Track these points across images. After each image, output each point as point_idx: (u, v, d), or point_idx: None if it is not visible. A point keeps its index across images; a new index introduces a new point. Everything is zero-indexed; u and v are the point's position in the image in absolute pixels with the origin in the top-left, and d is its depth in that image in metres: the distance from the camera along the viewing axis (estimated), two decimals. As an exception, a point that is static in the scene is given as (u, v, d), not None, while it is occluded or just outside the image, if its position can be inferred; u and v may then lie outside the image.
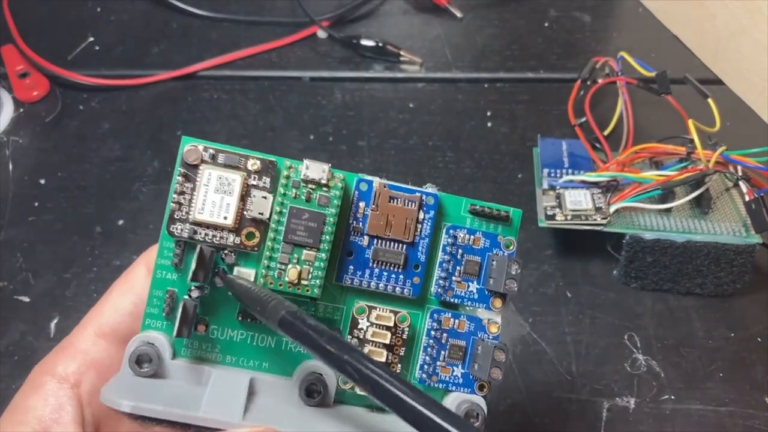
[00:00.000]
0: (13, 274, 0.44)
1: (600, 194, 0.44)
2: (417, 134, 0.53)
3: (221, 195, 0.27)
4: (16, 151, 0.51)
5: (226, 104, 0.54)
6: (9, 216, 0.47)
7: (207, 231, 0.27)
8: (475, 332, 0.28)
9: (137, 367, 0.27)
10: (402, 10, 0.64)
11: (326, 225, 0.27)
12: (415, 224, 0.28)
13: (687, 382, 0.40)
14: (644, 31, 0.62)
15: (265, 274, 0.27)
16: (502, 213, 0.28)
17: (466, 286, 0.28)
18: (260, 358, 0.28)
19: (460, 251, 0.28)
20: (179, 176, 0.27)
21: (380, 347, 0.28)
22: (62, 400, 0.28)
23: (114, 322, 0.29)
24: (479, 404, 0.28)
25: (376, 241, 0.28)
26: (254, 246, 0.27)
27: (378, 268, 0.28)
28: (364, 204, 0.28)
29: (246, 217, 0.27)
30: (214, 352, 0.28)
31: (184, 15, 0.61)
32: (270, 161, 0.28)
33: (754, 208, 0.42)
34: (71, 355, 0.29)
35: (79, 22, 0.60)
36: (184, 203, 0.27)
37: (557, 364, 0.41)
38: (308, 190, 0.27)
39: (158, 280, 0.28)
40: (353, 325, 0.28)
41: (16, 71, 0.55)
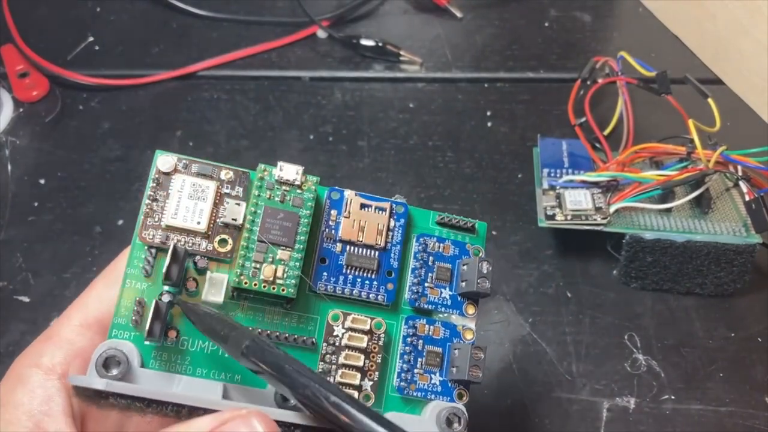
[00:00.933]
0: (13, 274, 0.44)
1: (600, 194, 0.44)
2: (417, 134, 0.53)
3: (195, 201, 0.27)
4: (16, 151, 0.51)
5: (226, 104, 0.54)
6: (9, 216, 0.47)
7: (180, 236, 0.27)
8: (451, 339, 0.29)
9: (104, 370, 0.25)
10: (402, 10, 0.64)
11: (300, 225, 0.27)
12: (387, 231, 0.29)
13: (687, 382, 0.40)
14: (644, 31, 0.62)
15: (239, 273, 0.27)
16: (468, 224, 0.30)
17: (438, 293, 0.29)
18: (233, 371, 0.27)
19: (431, 258, 0.29)
20: (152, 183, 0.27)
21: (357, 352, 0.27)
22: (51, 392, 0.27)
23: (98, 312, 0.29)
24: (460, 408, 0.28)
25: (349, 247, 0.28)
26: (227, 253, 0.27)
27: (352, 275, 0.28)
28: (336, 212, 0.28)
29: (219, 224, 0.27)
30: (184, 363, 0.27)
31: (184, 15, 0.61)
32: (243, 171, 0.28)
33: (754, 208, 0.42)
34: (56, 345, 0.28)
35: (79, 22, 0.60)
36: (157, 210, 0.27)
37: (557, 364, 0.41)
38: (283, 192, 0.28)
39: (127, 290, 0.27)
40: (328, 332, 0.28)
41: (15, 71, 0.55)
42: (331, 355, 0.28)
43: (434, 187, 0.50)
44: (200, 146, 0.51)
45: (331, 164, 0.51)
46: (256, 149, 0.51)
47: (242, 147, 0.51)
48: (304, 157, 0.51)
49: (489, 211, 0.48)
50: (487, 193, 0.49)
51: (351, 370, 0.27)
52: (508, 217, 0.48)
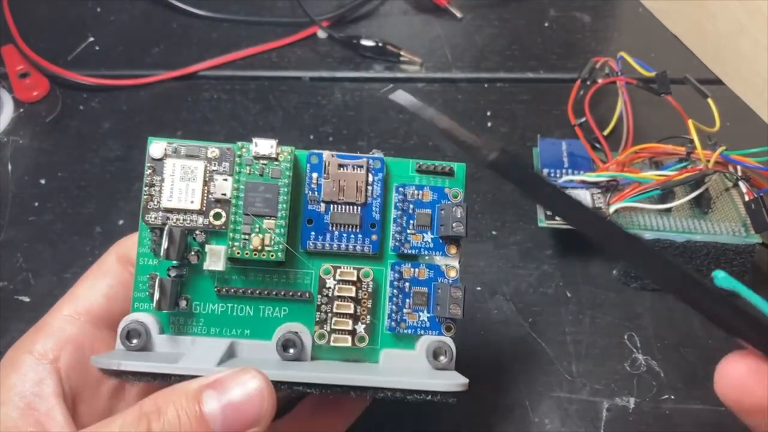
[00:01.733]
0: (13, 274, 0.44)
1: (600, 194, 0.44)
2: (417, 134, 0.53)
3: (186, 182, 0.30)
4: (16, 151, 0.51)
5: (226, 104, 0.55)
6: (9, 216, 0.47)
7: (178, 216, 0.30)
8: (435, 278, 0.31)
9: (127, 341, 0.29)
10: (402, 10, 0.64)
11: (281, 195, 0.30)
12: (366, 187, 0.30)
13: (687, 382, 0.40)
14: (644, 31, 0.62)
15: (231, 245, 0.29)
16: (446, 168, 0.31)
17: (421, 238, 0.31)
18: (241, 327, 0.30)
19: (411, 206, 0.31)
20: (148, 170, 0.30)
21: (347, 301, 0.30)
22: (42, 375, 0.28)
23: (88, 303, 0.31)
24: (447, 342, 0.30)
25: (332, 207, 0.30)
26: (221, 225, 0.30)
27: (337, 231, 0.30)
28: (317, 175, 0.31)
29: (211, 200, 0.30)
30: (198, 325, 0.30)
31: (184, 15, 0.61)
32: (227, 147, 0.30)
33: (753, 208, 0.42)
34: (48, 333, 0.30)
35: (79, 22, 0.60)
36: (155, 194, 0.30)
37: (557, 364, 0.41)
38: (261, 166, 0.30)
39: (141, 267, 0.30)
40: (321, 284, 0.30)
41: (16, 71, 0.55)
42: (326, 305, 0.30)
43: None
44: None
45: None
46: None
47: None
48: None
49: (489, 211, 0.48)
50: (487, 193, 0.49)
51: (343, 317, 0.30)
52: (508, 217, 0.48)
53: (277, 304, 0.31)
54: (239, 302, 0.30)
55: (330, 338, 0.30)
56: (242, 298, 0.30)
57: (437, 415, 0.39)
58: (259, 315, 0.30)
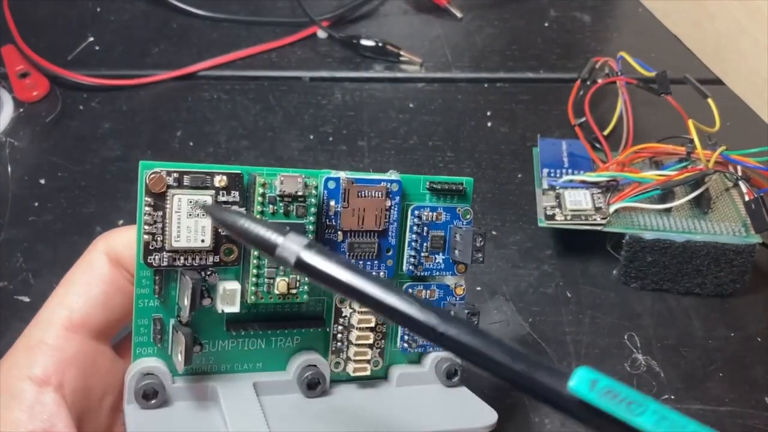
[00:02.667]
0: (13, 274, 0.44)
1: (600, 194, 0.44)
2: (417, 134, 0.53)
3: (194, 219, 0.26)
4: (17, 151, 0.51)
5: (226, 104, 0.55)
6: (9, 216, 0.47)
7: (185, 256, 0.27)
8: (445, 297, 0.31)
9: (144, 401, 0.26)
10: (402, 10, 0.64)
11: (307, 233, 0.28)
12: (384, 212, 0.29)
13: (687, 382, 0.40)
14: (644, 31, 0.62)
15: (255, 291, 0.27)
16: (458, 186, 0.31)
17: (433, 260, 0.31)
18: (253, 360, 0.29)
19: (425, 229, 0.30)
20: (146, 206, 0.26)
21: (367, 331, 0.30)
22: (50, 408, 0.25)
23: (84, 314, 0.27)
24: (457, 360, 0.30)
25: (350, 236, 0.29)
26: (234, 261, 0.27)
27: (354, 259, 0.29)
28: (334, 202, 0.29)
29: (222, 235, 0.27)
30: (209, 364, 0.28)
31: (184, 15, 0.61)
32: (236, 173, 0.27)
33: (753, 208, 0.42)
34: (46, 354, 0.26)
35: (79, 22, 0.60)
36: (157, 232, 0.26)
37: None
38: (285, 204, 0.27)
39: (141, 310, 0.27)
40: (337, 314, 0.30)
41: (16, 71, 0.55)
42: (342, 334, 0.30)
43: (434, 187, 0.50)
44: (200, 146, 0.51)
45: (331, 164, 0.51)
46: (256, 149, 0.51)
47: (242, 147, 0.51)
48: (304, 158, 0.51)
49: (489, 211, 0.48)
50: (487, 193, 0.49)
51: (362, 347, 0.30)
52: (508, 217, 0.48)
53: (289, 334, 0.29)
54: (251, 337, 0.29)
55: (346, 366, 0.30)
56: (254, 333, 0.29)
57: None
58: (271, 347, 0.29)
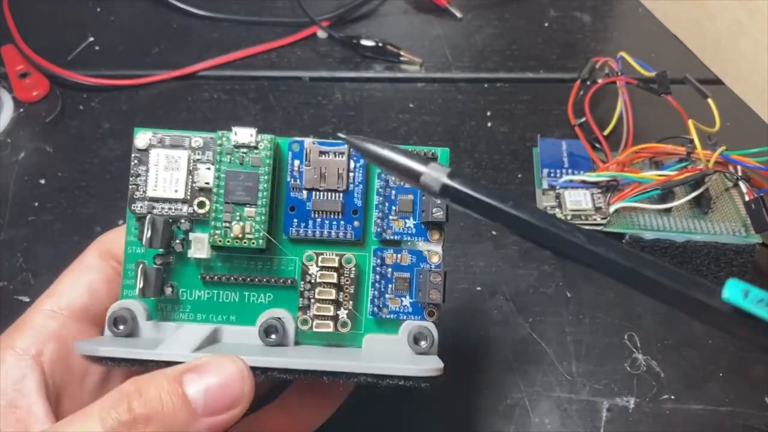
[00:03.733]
0: (13, 274, 0.44)
1: (600, 194, 0.44)
2: (417, 134, 0.53)
3: (170, 171, 0.31)
4: (16, 151, 0.51)
5: (226, 104, 0.55)
6: (9, 216, 0.47)
7: (163, 205, 0.31)
8: (418, 264, 0.31)
9: (114, 328, 0.30)
10: (402, 10, 0.64)
11: (261, 183, 0.30)
12: (347, 174, 0.31)
13: (687, 382, 0.40)
14: (644, 31, 0.62)
15: (213, 233, 0.30)
16: (429, 153, 0.31)
17: (403, 223, 0.31)
18: (227, 313, 0.31)
19: (393, 192, 0.31)
20: (134, 160, 0.31)
21: (329, 286, 0.30)
22: (24, 371, 0.28)
23: (70, 299, 0.31)
24: (428, 328, 0.30)
25: (314, 194, 0.31)
26: (205, 213, 0.30)
27: (320, 218, 0.31)
28: (298, 162, 0.31)
29: (195, 188, 0.30)
30: (184, 312, 0.31)
31: (184, 15, 0.61)
32: (210, 137, 0.31)
33: (753, 208, 0.42)
34: (30, 328, 0.29)
35: (79, 22, 0.60)
36: (141, 184, 0.31)
37: (557, 364, 0.41)
38: (241, 154, 0.30)
39: (129, 255, 0.31)
40: (304, 271, 0.31)
41: (16, 71, 0.55)
42: (309, 291, 0.30)
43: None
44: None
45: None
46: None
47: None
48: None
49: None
50: (487, 193, 0.49)
51: (325, 303, 0.30)
52: (508, 217, 0.48)
53: (262, 290, 0.31)
54: (224, 289, 0.31)
55: (313, 324, 0.30)
56: (227, 284, 0.31)
57: (437, 414, 0.39)
58: (244, 301, 0.31)
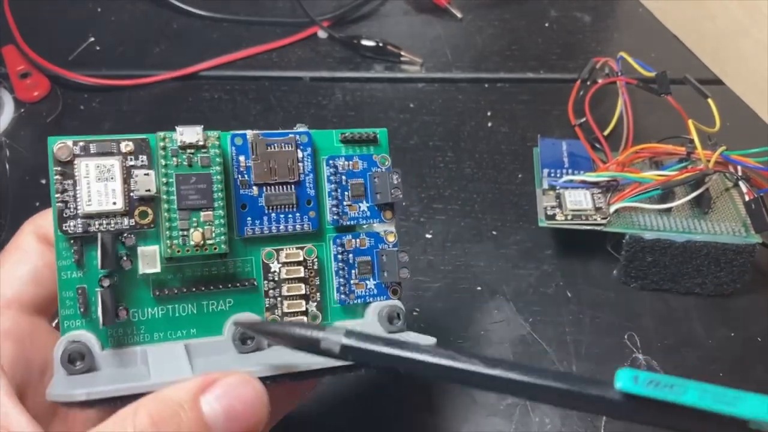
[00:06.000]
0: (14, 274, 0.44)
1: (600, 194, 0.44)
2: (417, 134, 0.53)
3: (104, 182, 0.27)
4: (17, 152, 0.51)
5: (226, 104, 0.55)
6: (10, 216, 0.47)
7: (100, 221, 0.27)
8: (376, 245, 0.31)
9: (71, 366, 0.26)
10: (402, 10, 0.64)
11: (215, 183, 0.28)
12: (297, 164, 0.30)
13: (687, 382, 0.40)
14: (644, 31, 0.62)
15: (170, 244, 0.27)
16: (371, 135, 0.32)
17: (357, 208, 0.31)
18: (186, 327, 0.29)
19: (343, 178, 0.31)
20: (56, 175, 0.27)
21: (297, 282, 0.30)
22: None
23: (16, 290, 0.28)
24: (396, 305, 0.31)
25: (266, 188, 0.29)
26: (149, 223, 0.28)
27: (274, 213, 0.30)
28: (244, 157, 0.29)
29: (134, 198, 0.28)
30: (140, 333, 0.28)
31: (184, 15, 0.61)
32: (141, 139, 0.28)
33: (753, 208, 0.42)
34: None
35: (79, 22, 0.60)
36: (69, 200, 0.27)
37: (557, 364, 0.41)
38: (188, 155, 0.28)
39: (65, 282, 0.27)
40: (266, 270, 0.29)
41: (17, 71, 0.55)
42: (274, 290, 0.30)
43: (434, 187, 0.50)
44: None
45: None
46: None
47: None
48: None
49: (489, 211, 0.48)
50: (487, 193, 0.49)
51: (296, 299, 0.30)
52: (508, 217, 0.48)
53: (221, 296, 0.29)
54: (180, 302, 0.28)
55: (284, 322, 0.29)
56: (183, 297, 0.28)
57: (436, 414, 0.39)
58: (203, 311, 0.29)
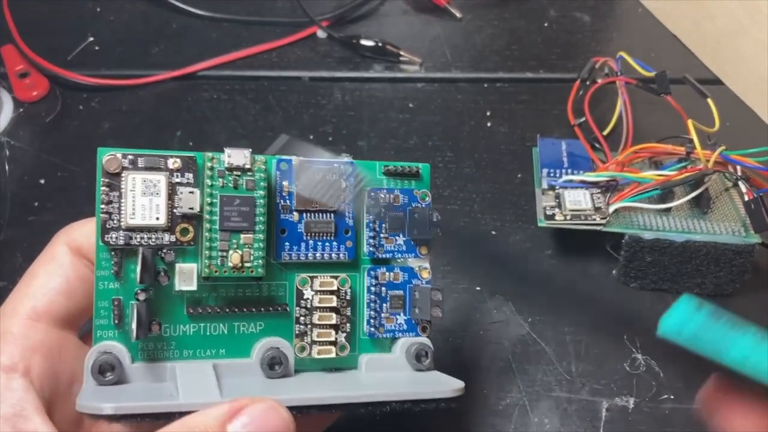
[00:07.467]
0: (14, 274, 0.44)
1: (599, 194, 0.44)
2: (417, 134, 0.53)
3: (149, 197, 0.28)
4: (16, 151, 0.51)
5: (226, 104, 0.55)
6: (9, 216, 0.47)
7: (142, 234, 0.28)
8: (410, 280, 0.31)
9: (101, 377, 0.27)
10: (402, 10, 0.64)
11: (257, 207, 0.28)
12: (339, 193, 0.30)
13: (686, 382, 0.40)
14: (644, 31, 0.62)
15: (208, 264, 0.28)
16: (413, 169, 0.31)
17: (393, 241, 0.31)
18: (216, 346, 0.29)
19: (382, 210, 0.31)
20: (103, 186, 0.28)
21: (328, 311, 0.30)
22: (19, 393, 0.26)
23: (47, 303, 0.29)
24: (426, 343, 0.31)
25: (306, 215, 0.30)
26: (190, 241, 0.28)
27: (312, 240, 0.30)
28: (287, 182, 0.30)
29: (177, 215, 0.28)
30: (170, 349, 0.28)
31: (184, 15, 0.61)
32: (189, 157, 0.28)
33: (753, 208, 0.42)
34: (11, 343, 0.27)
35: (79, 22, 0.60)
36: (114, 212, 0.28)
37: (557, 364, 0.41)
38: (234, 177, 0.29)
39: (101, 292, 0.28)
40: (299, 296, 0.30)
41: (15, 71, 0.55)
42: (305, 317, 0.30)
43: (434, 186, 0.49)
44: (200, 146, 0.51)
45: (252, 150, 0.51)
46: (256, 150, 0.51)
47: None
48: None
49: (488, 211, 0.48)
50: (487, 193, 0.49)
51: (326, 328, 0.30)
52: (507, 217, 0.48)
53: (252, 319, 0.29)
54: (213, 321, 0.29)
55: (312, 350, 0.29)
56: (215, 317, 0.29)
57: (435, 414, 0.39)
58: (234, 332, 0.29)
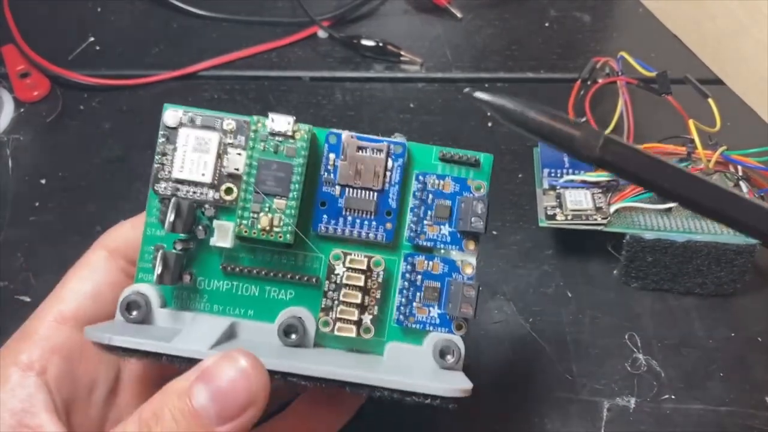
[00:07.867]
0: (14, 274, 0.44)
1: (600, 194, 0.44)
2: (417, 134, 0.53)
3: (199, 153, 0.29)
4: (17, 151, 0.51)
5: (226, 104, 0.54)
6: (9, 216, 0.47)
7: (188, 188, 0.29)
8: (450, 274, 0.30)
9: (127, 313, 0.28)
10: (402, 10, 0.64)
11: (294, 174, 0.28)
12: (384, 172, 0.29)
13: (687, 382, 0.40)
14: (644, 31, 0.62)
15: (239, 223, 0.28)
16: (472, 158, 0.30)
17: (438, 230, 0.30)
18: (245, 306, 0.30)
19: (430, 196, 0.30)
20: (161, 138, 0.29)
21: (355, 290, 0.29)
22: (30, 390, 0.27)
23: (74, 307, 0.30)
24: (455, 342, 0.29)
25: (348, 190, 0.29)
26: (233, 200, 0.29)
27: (351, 216, 0.29)
28: (334, 156, 0.29)
29: (223, 174, 0.29)
30: (201, 302, 0.30)
31: (184, 15, 0.61)
32: (244, 120, 0.29)
33: (754, 208, 0.42)
34: (33, 343, 0.28)
35: (79, 22, 0.60)
36: (167, 163, 0.29)
37: (557, 363, 0.41)
38: (276, 143, 0.29)
39: (148, 237, 0.30)
40: (330, 270, 0.29)
41: (16, 71, 0.55)
42: (333, 292, 0.29)
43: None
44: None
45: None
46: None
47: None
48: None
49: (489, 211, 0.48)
50: (488, 193, 0.49)
51: (350, 306, 0.29)
52: (508, 217, 0.48)
53: (284, 286, 0.30)
54: (245, 281, 0.30)
55: (335, 326, 0.29)
56: (248, 277, 0.29)
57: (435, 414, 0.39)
58: (264, 296, 0.30)
